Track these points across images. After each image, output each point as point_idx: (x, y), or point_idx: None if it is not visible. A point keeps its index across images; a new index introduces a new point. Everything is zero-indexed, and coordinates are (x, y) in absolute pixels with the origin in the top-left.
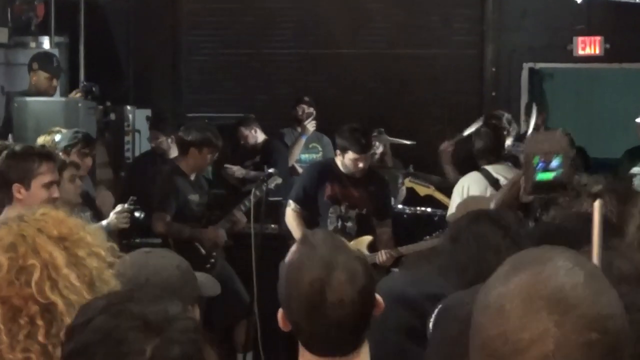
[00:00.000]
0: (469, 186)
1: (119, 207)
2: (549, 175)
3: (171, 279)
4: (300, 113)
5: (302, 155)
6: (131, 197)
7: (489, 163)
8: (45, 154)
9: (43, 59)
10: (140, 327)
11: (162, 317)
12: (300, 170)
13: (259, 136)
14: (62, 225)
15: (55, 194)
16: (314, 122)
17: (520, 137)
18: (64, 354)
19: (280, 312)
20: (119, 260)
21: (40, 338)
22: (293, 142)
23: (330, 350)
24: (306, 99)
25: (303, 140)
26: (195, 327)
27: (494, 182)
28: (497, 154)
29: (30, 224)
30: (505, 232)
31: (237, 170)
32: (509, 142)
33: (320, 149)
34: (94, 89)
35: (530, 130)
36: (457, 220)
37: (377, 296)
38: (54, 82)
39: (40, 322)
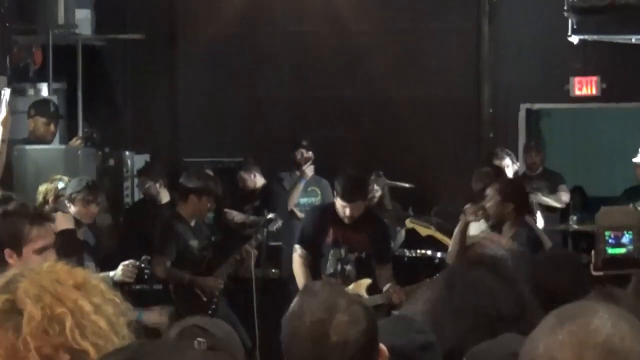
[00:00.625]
0: (470, 229)
1: (128, 262)
2: (620, 251)
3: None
4: (299, 157)
5: (301, 199)
6: (144, 257)
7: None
8: (38, 217)
9: (40, 105)
10: None
11: None
12: (299, 214)
13: (258, 180)
14: (74, 275)
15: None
16: (312, 166)
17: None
18: None
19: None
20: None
21: None
22: (292, 186)
23: None
24: (304, 142)
25: (302, 184)
26: None
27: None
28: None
29: (43, 276)
30: (502, 278)
31: (236, 216)
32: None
33: (319, 192)
34: (94, 135)
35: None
36: (453, 266)
37: (382, 345)
38: (52, 127)
39: None
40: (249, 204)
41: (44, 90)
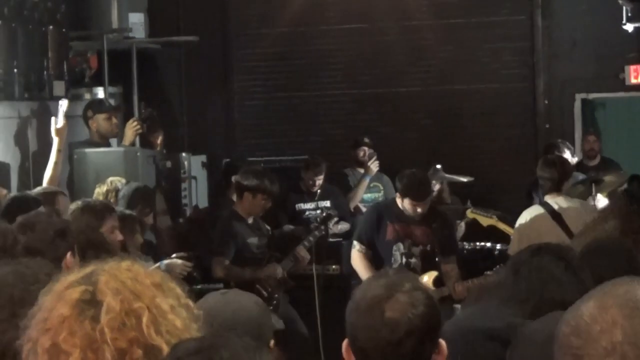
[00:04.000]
0: (531, 220)
1: (182, 254)
2: None
3: (253, 316)
4: (361, 155)
5: (365, 195)
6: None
7: (552, 197)
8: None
9: (95, 104)
10: None
11: None
12: (364, 209)
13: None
14: (152, 275)
15: None
16: (377, 162)
17: (576, 167)
18: None
19: (345, 343)
20: (206, 303)
21: None
22: (356, 183)
23: None
24: (366, 140)
25: (367, 181)
26: None
27: (555, 216)
28: (560, 186)
29: (122, 272)
30: (566, 264)
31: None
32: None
33: (381, 187)
34: (153, 115)
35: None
36: (518, 253)
37: (442, 341)
38: (114, 120)
39: None
40: (310, 202)
41: (100, 94)
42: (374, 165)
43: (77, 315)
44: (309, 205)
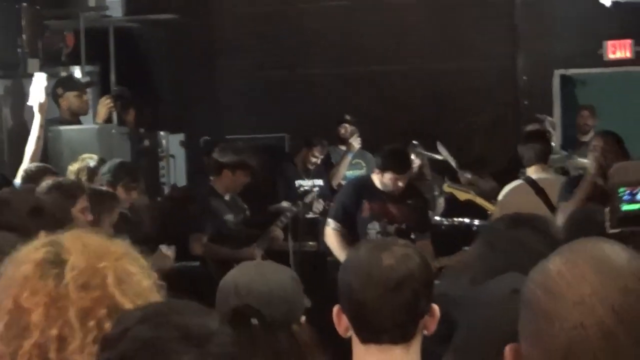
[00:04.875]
0: (514, 194)
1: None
2: (635, 207)
3: (289, 292)
4: (342, 132)
5: (347, 172)
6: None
7: (535, 171)
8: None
9: (65, 81)
10: (178, 338)
11: (202, 330)
12: None
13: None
14: (117, 243)
15: None
16: (358, 139)
17: (564, 145)
18: None
19: (335, 309)
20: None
21: None
22: (339, 160)
23: (383, 332)
24: (347, 117)
25: (349, 158)
26: (234, 343)
27: (538, 190)
28: (544, 159)
29: (86, 238)
30: (543, 236)
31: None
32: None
33: (364, 164)
34: (124, 93)
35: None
36: (494, 225)
37: (434, 305)
38: (84, 97)
39: (107, 326)
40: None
41: (77, 73)
42: (355, 142)
43: (40, 274)
44: (306, 183)
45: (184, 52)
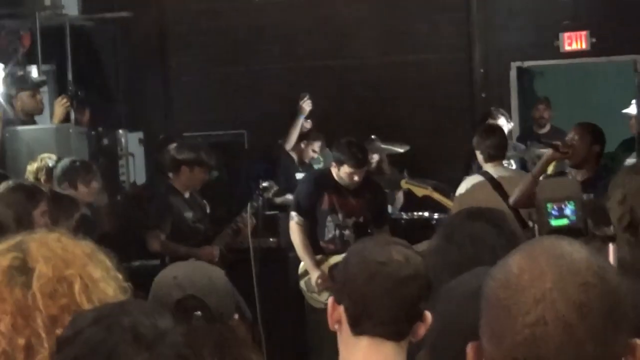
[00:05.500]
0: (472, 189)
1: None
2: (563, 222)
3: (226, 285)
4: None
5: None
6: None
7: (492, 166)
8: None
9: (18, 81)
10: (130, 340)
11: (153, 331)
12: None
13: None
14: (82, 246)
15: None
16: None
17: (521, 138)
18: None
19: (330, 300)
20: (178, 269)
21: None
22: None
23: (380, 325)
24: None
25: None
26: (185, 343)
27: (496, 185)
28: (501, 154)
29: (52, 242)
30: (499, 230)
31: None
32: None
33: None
34: (79, 92)
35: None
36: (450, 218)
37: (427, 312)
38: (38, 97)
39: None
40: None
41: (34, 72)
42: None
43: (7, 281)
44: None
45: (138, 50)
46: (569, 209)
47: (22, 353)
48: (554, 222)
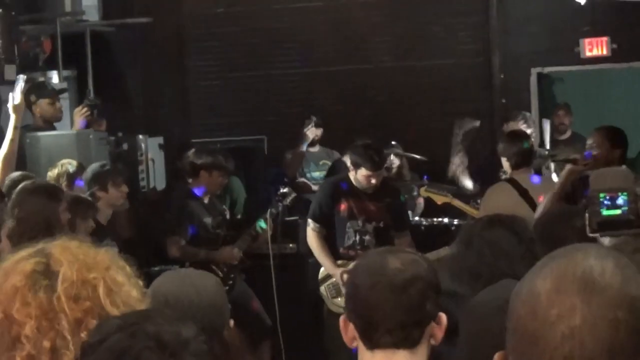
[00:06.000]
0: (498, 197)
1: None
2: (615, 212)
3: (216, 295)
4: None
5: (314, 172)
6: None
7: (519, 170)
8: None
9: (37, 88)
10: (154, 347)
11: (176, 339)
12: (313, 187)
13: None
14: (103, 253)
15: None
16: (313, 128)
17: (542, 144)
18: None
19: (342, 318)
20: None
21: None
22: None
23: (387, 334)
24: (314, 118)
25: (304, 147)
26: (207, 352)
27: (522, 192)
28: (528, 160)
29: (74, 249)
30: (519, 238)
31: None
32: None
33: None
34: (98, 102)
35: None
36: (471, 225)
37: (442, 314)
38: (57, 104)
39: None
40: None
41: (55, 78)
42: (310, 132)
43: (31, 285)
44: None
45: (157, 55)
46: (621, 199)
47: (48, 355)
48: (606, 212)
